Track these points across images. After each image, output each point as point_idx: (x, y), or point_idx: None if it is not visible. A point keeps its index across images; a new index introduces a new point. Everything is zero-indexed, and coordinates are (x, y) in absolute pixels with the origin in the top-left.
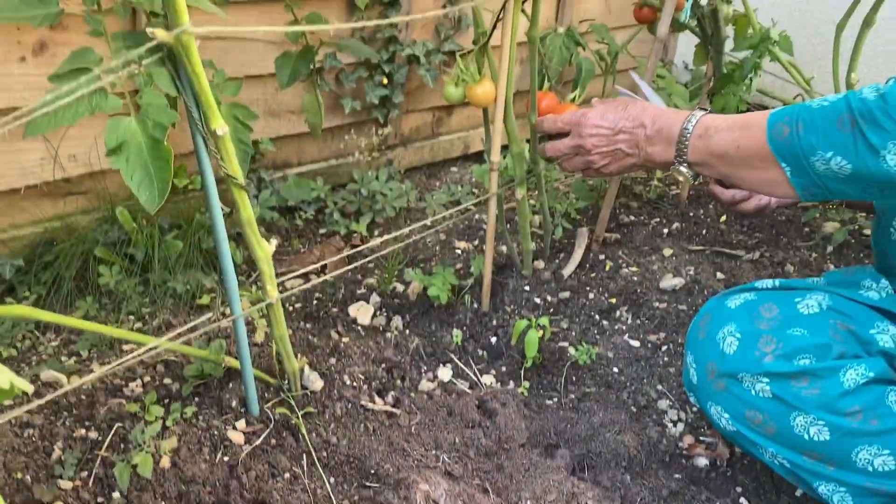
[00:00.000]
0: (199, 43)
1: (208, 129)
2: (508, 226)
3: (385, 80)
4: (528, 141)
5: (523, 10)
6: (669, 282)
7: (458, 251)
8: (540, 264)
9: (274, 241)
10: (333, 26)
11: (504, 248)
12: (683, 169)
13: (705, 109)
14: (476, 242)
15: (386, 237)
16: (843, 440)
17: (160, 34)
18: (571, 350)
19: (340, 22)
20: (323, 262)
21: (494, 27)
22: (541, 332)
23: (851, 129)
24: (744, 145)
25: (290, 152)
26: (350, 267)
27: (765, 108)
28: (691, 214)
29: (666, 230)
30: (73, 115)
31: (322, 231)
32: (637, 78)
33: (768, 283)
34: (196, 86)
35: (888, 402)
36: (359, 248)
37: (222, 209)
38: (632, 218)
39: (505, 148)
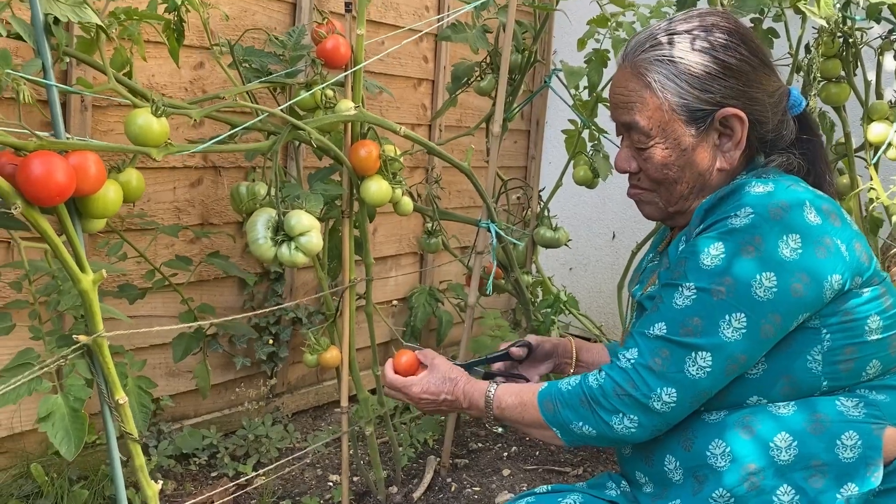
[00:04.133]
0: (110, 332)
1: (112, 399)
2: (368, 458)
3: (272, 340)
4: (372, 390)
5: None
6: (503, 497)
7: (331, 483)
8: (394, 489)
9: (160, 482)
10: (220, 321)
11: (371, 477)
12: (498, 428)
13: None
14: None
15: (262, 472)
16: None
17: (82, 338)
18: None
19: (233, 297)
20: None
21: (338, 310)
22: None
23: (590, 408)
24: (527, 417)
25: (187, 406)
26: None
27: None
28: (528, 440)
29: (506, 453)
30: (16, 397)
31: (213, 474)
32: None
33: (544, 488)
34: (105, 369)
35: None
36: (244, 488)
37: (121, 458)
38: (479, 444)
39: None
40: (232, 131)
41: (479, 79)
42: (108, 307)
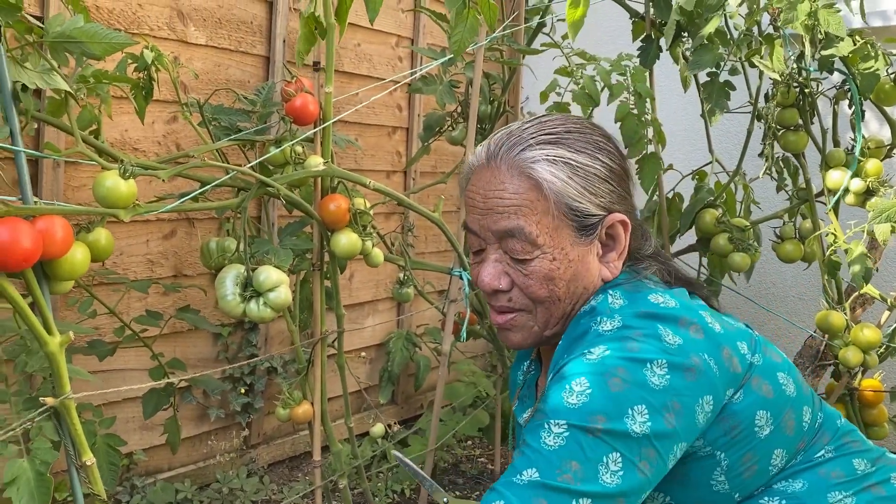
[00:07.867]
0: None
1: (80, 461)
2: None
3: (244, 391)
4: (346, 440)
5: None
6: None
7: None
8: None
9: None
10: (191, 376)
11: None
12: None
13: None
14: None
15: None
16: None
17: (49, 401)
18: None
19: (207, 349)
20: None
21: (310, 363)
22: None
23: None
24: None
25: (161, 459)
26: None
27: None
28: None
29: None
30: None
31: None
32: (399, 456)
33: None
34: (73, 433)
35: None
36: None
37: None
38: (457, 493)
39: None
40: (201, 190)
41: (450, 128)
42: (75, 368)
